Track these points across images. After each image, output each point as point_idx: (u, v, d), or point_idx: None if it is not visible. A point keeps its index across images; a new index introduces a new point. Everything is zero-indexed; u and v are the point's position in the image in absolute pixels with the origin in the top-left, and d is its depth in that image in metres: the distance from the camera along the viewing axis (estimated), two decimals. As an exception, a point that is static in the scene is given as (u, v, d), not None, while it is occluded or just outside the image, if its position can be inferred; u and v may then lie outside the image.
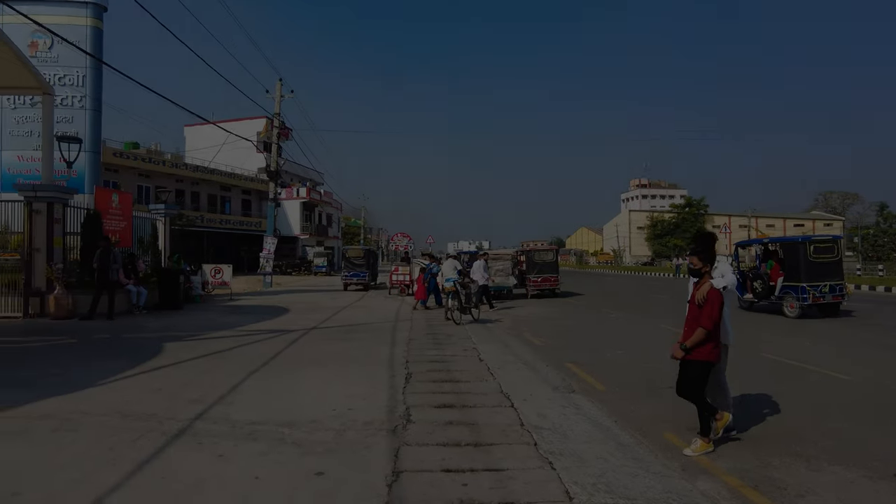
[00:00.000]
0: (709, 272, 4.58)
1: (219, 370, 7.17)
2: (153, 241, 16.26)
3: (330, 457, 4.19)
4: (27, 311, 11.80)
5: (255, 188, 45.44)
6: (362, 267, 23.51)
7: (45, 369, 7.01)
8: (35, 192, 12.04)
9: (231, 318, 12.82)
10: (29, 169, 18.44)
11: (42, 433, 4.60)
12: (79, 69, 19.12)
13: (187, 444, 4.42)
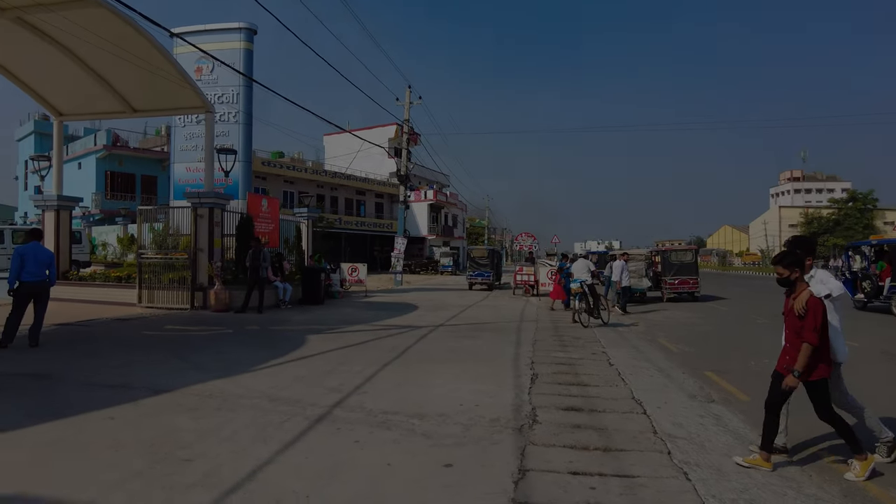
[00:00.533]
0: (800, 278, 4.06)
1: (355, 362, 7.63)
2: (297, 241, 17.70)
3: (457, 450, 4.30)
4: (192, 304, 13.39)
5: (386, 192, 47.69)
6: (487, 267, 23.73)
7: (210, 355, 7.91)
8: (199, 199, 13.63)
9: (366, 314, 13.58)
10: (194, 178, 20.93)
11: (209, 410, 5.21)
12: (233, 88, 21.36)
13: (327, 429, 4.76)
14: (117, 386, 6.03)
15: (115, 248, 24.25)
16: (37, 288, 8.14)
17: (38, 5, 10.62)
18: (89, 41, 11.50)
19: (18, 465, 3.84)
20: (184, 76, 13.37)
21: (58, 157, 15.25)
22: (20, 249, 8.07)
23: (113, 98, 14.32)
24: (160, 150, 35.48)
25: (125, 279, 14.39)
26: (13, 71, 13.81)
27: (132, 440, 4.36)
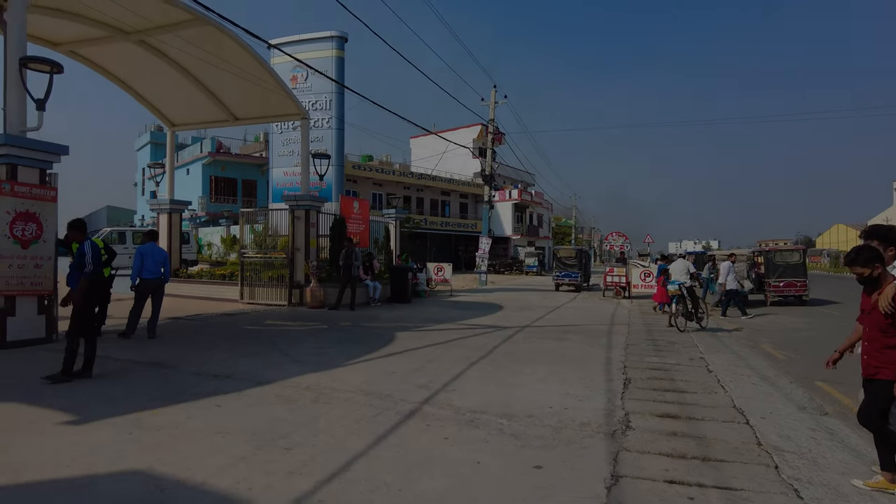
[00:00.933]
0: (883, 273, 3.58)
1: (443, 359, 7.72)
2: (386, 241, 18.19)
3: (547, 452, 4.24)
4: (290, 300, 14.10)
5: (471, 192, 47.92)
6: (574, 267, 23.21)
7: (306, 349, 8.29)
8: (296, 202, 14.33)
9: (452, 313, 13.71)
10: (290, 182, 22.01)
11: (305, 402, 5.46)
12: (326, 94, 22.27)
13: (417, 424, 4.85)
14: (223, 376, 6.46)
15: (219, 248, 25.99)
16: (154, 284, 8.90)
17: (158, 28, 11.62)
18: (198, 56, 12.42)
19: (142, 444, 4.20)
20: (281, 85, 14.11)
21: (170, 164, 16.57)
22: (140, 249, 8.86)
23: (217, 108, 15.37)
24: (259, 156, 37.70)
25: (228, 277, 15.39)
26: (134, 87, 15.18)
27: (237, 428, 4.65)
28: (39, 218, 8.09)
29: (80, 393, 5.59)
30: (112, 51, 13.14)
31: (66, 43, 12.80)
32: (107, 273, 9.01)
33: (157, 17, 11.35)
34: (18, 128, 8.06)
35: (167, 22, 11.52)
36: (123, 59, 13.72)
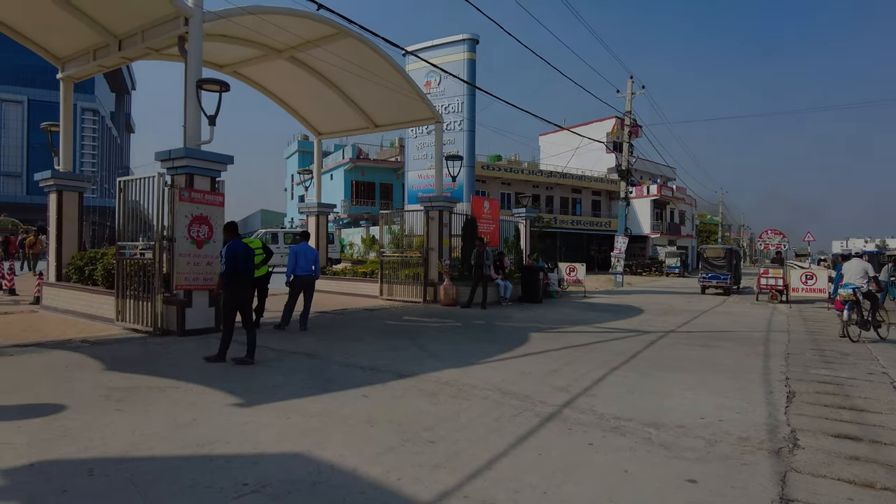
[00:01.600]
0: None
1: (580, 362, 7.50)
2: (516, 241, 18.14)
3: (701, 466, 3.93)
4: (425, 298, 14.55)
5: (604, 188, 46.29)
6: (723, 268, 21.45)
7: (443, 345, 8.50)
8: (431, 203, 14.76)
9: (587, 315, 13.31)
10: (424, 184, 22.78)
11: (446, 397, 5.57)
12: (459, 97, 22.74)
13: (558, 427, 4.74)
14: (368, 368, 6.81)
15: (360, 248, 27.55)
16: (307, 281, 9.64)
17: (307, 43, 12.57)
18: (340, 66, 13.24)
19: (300, 428, 4.54)
20: (417, 91, 14.61)
21: (317, 170, 17.87)
22: (294, 248, 9.64)
23: (359, 116, 16.29)
24: (395, 161, 39.51)
25: (369, 275, 16.26)
26: (285, 100, 16.57)
27: (383, 418, 4.86)
28: (210, 220, 9.10)
29: (246, 378, 6.19)
30: (267, 68, 14.45)
31: (229, 64, 14.31)
32: (264, 271, 9.94)
33: (306, 34, 12.27)
34: (195, 141, 9.14)
35: (314, 37, 12.41)
36: (276, 76, 15.03)
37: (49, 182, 11.80)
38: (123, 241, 9.48)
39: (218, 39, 12.14)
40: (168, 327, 8.85)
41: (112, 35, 10.79)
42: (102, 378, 6.03)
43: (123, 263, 9.38)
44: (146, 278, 8.99)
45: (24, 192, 51.60)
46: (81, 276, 11.07)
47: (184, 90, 9.36)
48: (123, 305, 9.37)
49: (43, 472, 3.62)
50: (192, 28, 9.24)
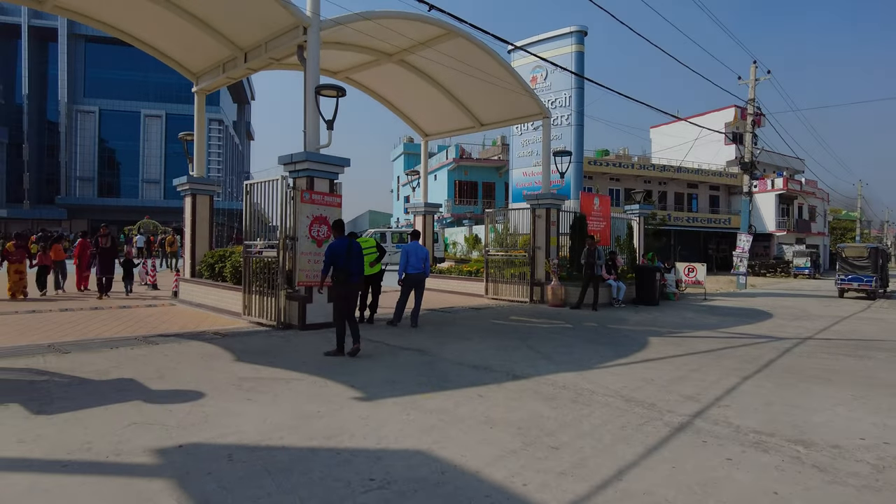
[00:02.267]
0: None
1: (707, 370, 6.96)
2: (628, 239, 17.34)
3: (870, 495, 3.44)
4: (532, 298, 14.29)
5: (722, 182, 43.22)
6: (866, 269, 19.17)
7: (555, 347, 8.25)
8: (537, 200, 14.48)
9: (710, 319, 12.42)
10: (529, 182, 22.47)
11: (564, 401, 5.36)
12: (566, 92, 22.18)
13: (691, 439, 4.38)
14: (480, 367, 6.74)
15: (463, 247, 27.73)
16: (418, 278, 9.78)
17: (417, 45, 12.78)
18: (448, 65, 13.33)
19: (419, 425, 4.54)
20: (524, 87, 14.40)
21: (424, 170, 18.17)
22: (405, 247, 9.81)
23: (464, 115, 16.34)
24: (497, 159, 39.43)
25: (474, 273, 16.27)
26: (394, 103, 17.00)
27: (502, 419, 4.75)
28: (329, 221, 9.47)
29: (363, 372, 6.34)
30: (376, 73, 14.88)
31: (342, 71, 14.89)
32: (377, 269, 10.21)
33: (415, 36, 12.47)
34: (315, 145, 9.57)
35: (424, 39, 12.58)
36: (385, 79, 15.45)
37: (185, 186, 12.90)
38: (250, 241, 10.13)
39: (332, 47, 12.66)
40: (290, 321, 9.34)
41: (239, 48, 11.59)
42: (234, 368, 6.44)
43: (250, 261, 10.03)
44: (270, 275, 9.55)
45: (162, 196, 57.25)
46: (212, 272, 12.00)
47: (303, 96, 9.84)
48: (249, 300, 10.02)
49: (190, 453, 3.88)
50: (310, 36, 9.68)
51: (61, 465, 3.64)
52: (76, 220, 52.78)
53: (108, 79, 57.10)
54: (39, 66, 56.57)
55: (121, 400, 5.06)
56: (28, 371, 6.06)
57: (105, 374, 5.97)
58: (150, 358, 6.85)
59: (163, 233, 31.51)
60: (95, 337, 8.17)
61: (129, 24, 11.91)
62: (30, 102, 55.90)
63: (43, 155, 57.30)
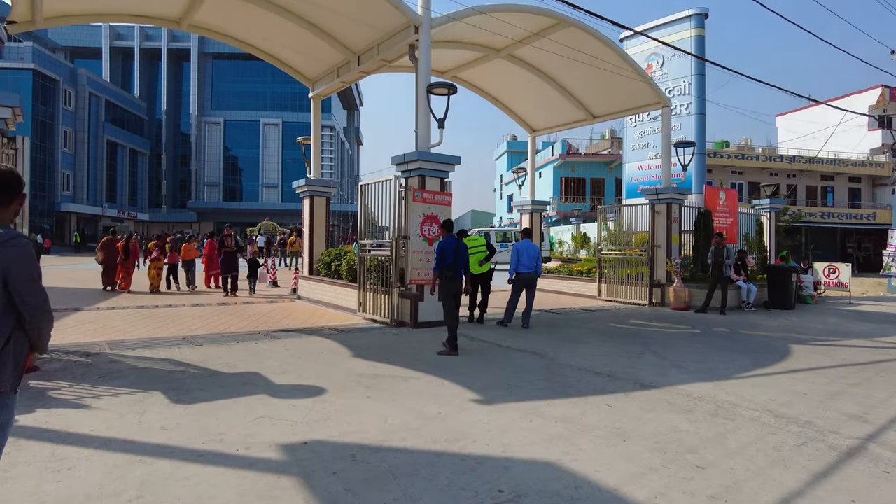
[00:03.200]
0: None
1: (871, 385, 6.06)
2: (758, 237, 15.87)
3: None
4: (651, 300, 13.44)
5: (865, 173, 38.64)
6: None
7: (683, 354, 7.59)
8: (657, 195, 13.59)
9: (860, 326, 10.99)
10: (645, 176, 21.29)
11: (703, 414, 4.83)
12: (685, 79, 20.76)
13: (867, 467, 3.74)
14: (603, 374, 6.31)
15: (570, 246, 26.89)
16: (529, 278, 9.46)
17: (526, 38, 12.44)
18: (561, 54, 12.85)
19: (544, 434, 4.25)
20: (641, 74, 13.59)
21: (531, 167, 17.74)
22: (517, 246, 9.53)
23: (576, 108, 15.74)
24: (606, 153, 37.93)
25: (585, 273, 15.61)
26: (501, 99, 16.75)
27: (635, 432, 4.34)
28: (440, 219, 9.41)
29: (480, 373, 6.14)
30: (484, 69, 14.69)
31: (449, 70, 14.86)
32: (486, 268, 10.01)
33: (525, 28, 12.13)
34: (426, 144, 9.55)
35: (535, 30, 12.19)
36: (492, 76, 15.23)
37: (303, 188, 13.47)
38: (364, 239, 10.33)
39: (440, 46, 12.63)
40: (402, 319, 9.38)
41: (352, 52, 11.89)
42: (352, 364, 6.50)
43: (364, 259, 10.22)
44: (383, 273, 9.66)
45: (280, 199, 61.06)
46: (329, 270, 12.41)
47: (414, 96, 9.86)
48: (364, 298, 10.21)
49: (314, 450, 3.87)
50: (421, 35, 9.68)
51: (198, 455, 3.75)
52: (204, 223, 57.62)
53: (231, 91, 61.86)
54: (175, 84, 62.42)
55: (248, 393, 5.23)
56: (168, 361, 6.48)
57: (233, 367, 6.24)
58: (273, 352, 7.10)
59: (281, 233, 33.52)
60: (223, 331, 8.66)
61: (253, 37, 12.62)
62: (167, 117, 61.88)
63: (177, 164, 63.19)
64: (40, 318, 2.43)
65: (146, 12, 11.18)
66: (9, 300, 2.38)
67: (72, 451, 3.78)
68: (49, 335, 2.52)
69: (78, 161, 49.16)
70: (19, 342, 2.44)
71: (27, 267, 2.38)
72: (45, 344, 2.52)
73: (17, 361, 2.44)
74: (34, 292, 2.40)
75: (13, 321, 2.40)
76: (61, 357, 6.54)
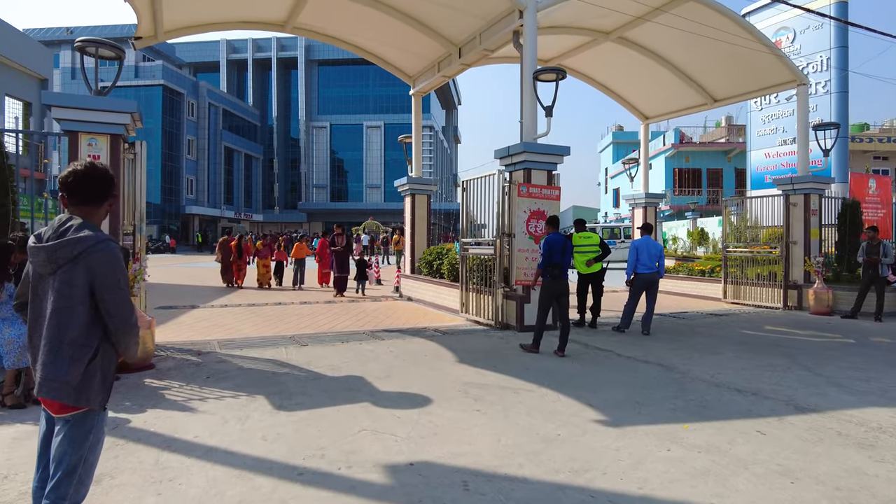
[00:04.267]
0: None
1: None
2: (917, 230, 13.69)
3: None
4: (785, 303, 11.93)
5: None
6: None
7: (840, 370, 6.45)
8: (792, 185, 12.04)
9: None
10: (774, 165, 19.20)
11: (891, 451, 3.89)
12: (821, 54, 18.45)
13: None
14: (746, 392, 5.42)
15: (685, 242, 25.01)
16: (650, 279, 8.58)
17: (641, 16, 11.43)
18: (679, 34, 11.71)
19: (689, 468, 3.56)
20: (773, 50, 12.08)
21: (644, 157, 16.52)
22: (635, 243, 8.67)
23: (694, 92, 14.38)
24: (724, 142, 34.96)
25: (708, 273, 14.24)
26: (609, 86, 15.71)
27: (804, 472, 3.54)
28: (546, 215, 8.77)
29: (600, 387, 5.49)
30: (591, 55, 13.77)
31: (553, 58, 14.09)
32: (598, 267, 9.26)
33: (639, 6, 11.13)
34: (532, 135, 8.95)
35: (650, 7, 11.15)
36: (600, 61, 14.25)
37: (405, 187, 13.33)
38: (466, 237, 9.91)
39: (545, 32, 11.90)
40: (507, 322, 8.86)
41: (453, 44, 11.52)
42: (457, 371, 6.08)
43: (466, 258, 9.80)
44: (486, 273, 9.19)
45: (382, 199, 62.68)
46: (430, 269, 12.15)
47: (520, 85, 9.28)
48: (466, 298, 9.80)
49: (421, 474, 3.47)
50: (526, 20, 9.08)
51: (297, 473, 3.47)
52: (313, 223, 60.37)
53: (335, 96, 64.36)
54: (285, 92, 65.93)
55: (350, 400, 4.95)
56: (273, 362, 6.41)
57: (336, 370, 6.03)
58: (377, 354, 6.85)
59: (384, 232, 34.17)
60: (328, 330, 8.59)
61: (355, 36, 12.61)
62: (278, 123, 65.56)
63: (288, 167, 66.77)
64: (125, 331, 2.18)
65: (254, 17, 11.46)
66: (97, 310, 2.15)
67: (174, 460, 3.65)
68: (135, 348, 2.27)
69: (199, 167, 53.27)
70: (107, 355, 2.22)
71: (113, 274, 2.14)
72: (132, 353, 2.27)
73: (105, 376, 2.21)
74: (121, 304, 2.15)
75: (101, 332, 2.17)
76: (175, 355, 6.67)
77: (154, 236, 44.43)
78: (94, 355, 2.13)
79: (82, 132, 6.19)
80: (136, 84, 46.77)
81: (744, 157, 32.24)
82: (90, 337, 2.12)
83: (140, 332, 5.96)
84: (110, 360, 2.21)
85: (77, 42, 6.39)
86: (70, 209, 2.24)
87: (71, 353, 2.09)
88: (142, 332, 5.88)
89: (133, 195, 6.71)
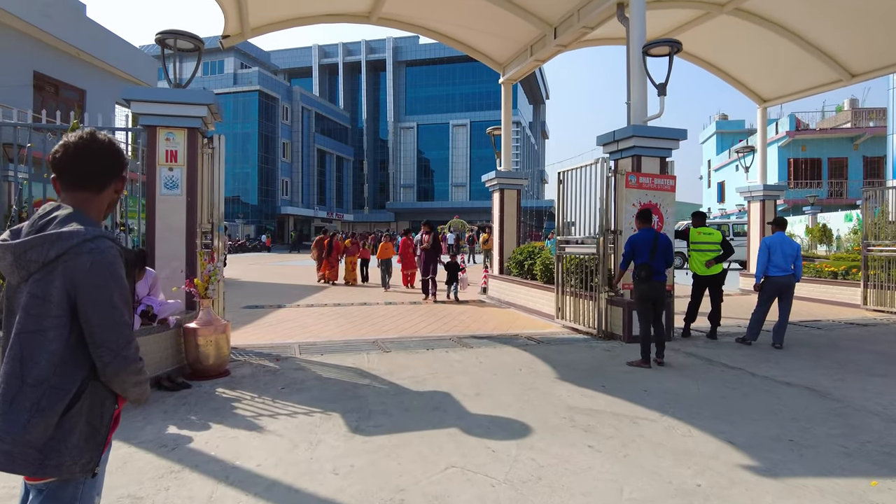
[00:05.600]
0: None
1: None
2: None
3: None
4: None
5: None
6: None
7: None
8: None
9: None
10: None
11: None
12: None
13: None
14: (941, 432, 4.18)
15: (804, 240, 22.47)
16: (783, 283, 7.28)
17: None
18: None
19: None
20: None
21: (762, 144, 14.73)
22: (766, 241, 7.39)
23: (824, 67, 12.53)
24: (849, 127, 31.19)
25: (842, 275, 12.36)
26: (720, 66, 14.08)
27: None
28: (661, 209, 7.69)
29: (740, 417, 4.43)
30: (701, 31, 12.29)
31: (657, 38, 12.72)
32: (718, 269, 8.06)
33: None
34: (642, 117, 7.89)
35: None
36: (711, 38, 12.73)
37: (493, 182, 12.55)
38: (564, 235, 8.99)
39: (652, 6, 10.69)
40: (612, 331, 7.85)
41: (548, 25, 10.61)
42: (560, 391, 5.23)
43: (563, 258, 8.88)
44: (586, 275, 8.22)
45: (468, 198, 62.21)
46: (521, 269, 11.30)
47: (626, 63, 8.25)
48: (563, 303, 8.88)
49: (525, 539, 2.68)
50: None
51: (372, 527, 2.79)
52: (401, 222, 61.01)
53: (422, 97, 64.68)
54: (374, 94, 67.15)
55: (436, 424, 4.26)
56: (353, 371, 5.87)
57: (421, 384, 5.38)
58: (465, 365, 6.15)
59: (469, 230, 33.58)
60: (413, 335, 8.01)
61: (443, 24, 11.99)
62: (367, 125, 66.92)
63: (377, 168, 68.02)
64: (118, 367, 1.52)
65: (337, 10, 11.13)
66: (80, 336, 1.53)
67: (230, 496, 3.09)
68: (138, 390, 1.63)
69: (294, 168, 55.26)
70: (97, 400, 1.58)
71: (104, 285, 1.48)
72: (134, 396, 1.65)
73: (95, 429, 1.56)
74: (112, 327, 1.50)
75: (87, 368, 1.55)
76: (252, 360, 6.30)
77: (252, 235, 46.54)
78: (72, 401, 1.50)
79: (160, 126, 5.93)
80: (234, 90, 49.19)
81: (873, 143, 28.69)
82: (66, 376, 1.49)
83: (214, 337, 5.68)
84: (102, 407, 1.59)
85: (157, 35, 6.17)
86: (62, 196, 1.66)
87: (35, 398, 1.47)
88: (216, 336, 5.52)
89: (211, 192, 6.40)
